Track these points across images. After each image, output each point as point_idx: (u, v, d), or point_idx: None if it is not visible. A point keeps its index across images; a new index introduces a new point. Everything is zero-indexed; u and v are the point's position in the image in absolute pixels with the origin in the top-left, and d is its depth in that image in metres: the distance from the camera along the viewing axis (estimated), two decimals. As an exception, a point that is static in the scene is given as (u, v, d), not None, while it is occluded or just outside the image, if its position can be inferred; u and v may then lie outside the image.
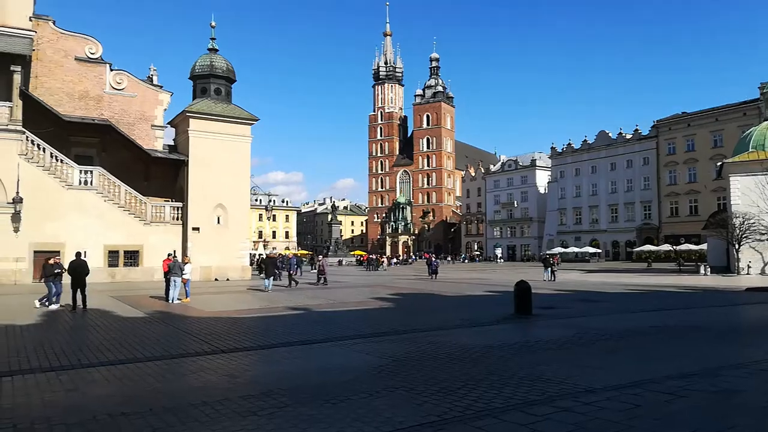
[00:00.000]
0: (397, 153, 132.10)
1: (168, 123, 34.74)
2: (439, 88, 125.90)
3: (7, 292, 22.85)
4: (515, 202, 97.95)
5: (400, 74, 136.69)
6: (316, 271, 35.76)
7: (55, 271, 17.37)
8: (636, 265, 58.85)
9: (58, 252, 25.06)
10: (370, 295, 22.54)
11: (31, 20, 30.02)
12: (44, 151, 28.27)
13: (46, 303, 17.13)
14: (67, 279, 17.24)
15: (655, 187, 74.20)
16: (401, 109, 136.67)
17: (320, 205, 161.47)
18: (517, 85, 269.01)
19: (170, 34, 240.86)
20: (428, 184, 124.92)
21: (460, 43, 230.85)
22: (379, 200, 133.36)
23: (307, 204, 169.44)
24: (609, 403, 6.45)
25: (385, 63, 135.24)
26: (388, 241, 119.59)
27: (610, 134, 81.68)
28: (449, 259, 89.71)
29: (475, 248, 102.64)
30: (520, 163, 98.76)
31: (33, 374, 8.31)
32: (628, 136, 78.67)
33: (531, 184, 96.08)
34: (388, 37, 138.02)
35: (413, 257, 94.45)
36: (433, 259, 37.02)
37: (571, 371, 8.18)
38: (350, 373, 8.35)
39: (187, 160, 31.96)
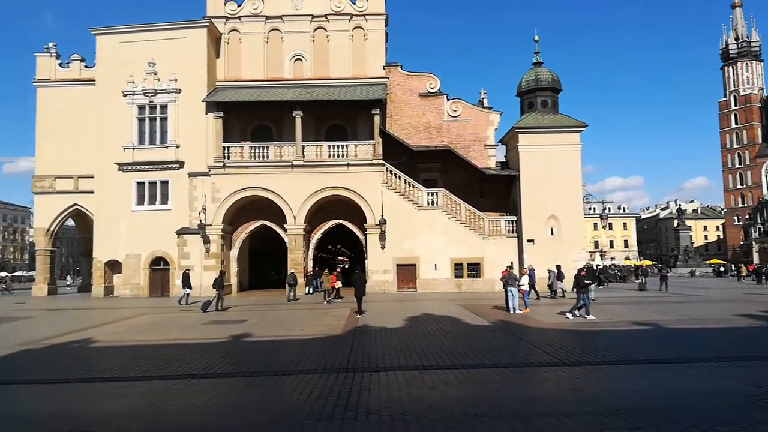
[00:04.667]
0: (760, 141, 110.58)
1: (499, 141, 36.59)
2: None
3: (380, 299, 27.21)
4: None
5: (757, 48, 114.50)
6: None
7: (585, 282, 17.91)
8: None
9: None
10: (734, 311, 19.35)
11: (384, 69, 35.70)
12: (399, 179, 32.98)
13: (578, 313, 17.56)
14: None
15: None
16: (762, 89, 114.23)
17: (663, 209, 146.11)
18: None
19: (498, 56, 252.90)
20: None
21: None
22: (739, 199, 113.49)
23: (647, 209, 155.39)
24: None
25: (736, 39, 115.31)
26: (755, 247, 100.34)
27: None
28: None
29: None
30: None
31: (402, 371, 9.73)
32: None
33: None
34: (738, 8, 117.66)
35: None
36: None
37: None
38: (711, 399, 7.36)
39: (519, 175, 33.01)
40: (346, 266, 55.26)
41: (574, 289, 18.72)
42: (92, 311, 24.76)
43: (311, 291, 32.21)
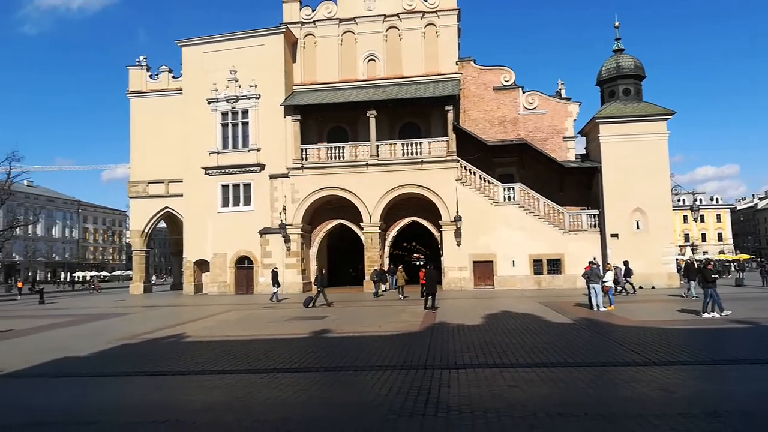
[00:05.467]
0: None
1: (578, 133, 35.35)
2: None
3: (457, 296, 27.04)
4: None
5: None
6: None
7: (713, 276, 16.44)
8: None
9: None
10: None
11: (456, 64, 35.41)
12: (474, 174, 32.59)
13: (712, 312, 16.17)
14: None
15: None
16: None
17: (761, 199, 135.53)
18: None
19: (576, 46, 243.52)
20: None
21: None
22: None
23: (744, 200, 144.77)
24: None
25: None
26: None
27: None
28: None
29: None
30: None
31: (481, 369, 9.62)
32: None
33: None
34: None
35: None
36: None
37: None
38: (824, 405, 6.77)
39: (600, 167, 31.75)
40: (420, 263, 55.26)
41: (700, 285, 17.78)
42: (183, 308, 26.22)
43: (386, 288, 32.48)
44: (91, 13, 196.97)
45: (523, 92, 35.46)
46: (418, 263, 59.03)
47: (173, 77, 39.55)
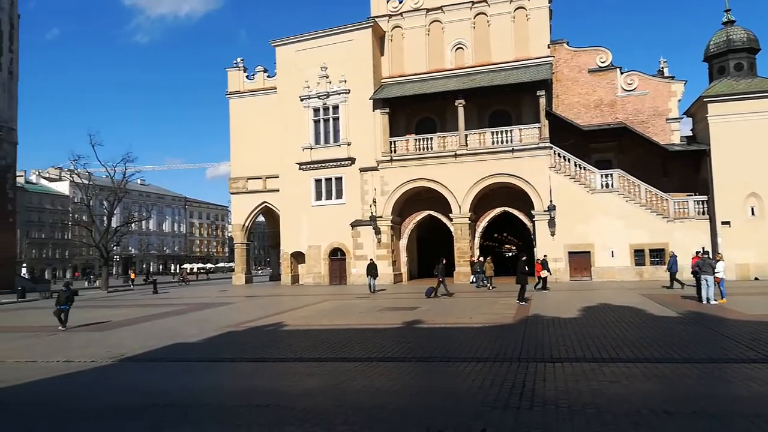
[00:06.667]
0: None
1: (683, 113, 32.99)
2: None
3: (552, 288, 26.21)
4: None
5: None
6: None
7: None
8: None
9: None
10: None
11: (548, 47, 34.15)
12: (569, 161, 31.36)
13: None
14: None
15: None
16: None
17: None
18: None
19: (679, 21, 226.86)
20: None
21: None
22: None
23: None
24: None
25: None
26: None
27: None
28: None
29: None
30: None
31: (579, 363, 9.33)
32: None
33: None
34: None
35: None
36: None
37: None
38: None
39: (709, 149, 29.48)
40: (511, 254, 54.17)
41: None
42: (282, 298, 27.40)
43: (475, 279, 32.08)
44: (195, 19, 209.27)
45: (621, 73, 33.58)
46: (509, 254, 57.87)
47: (268, 77, 41.20)
